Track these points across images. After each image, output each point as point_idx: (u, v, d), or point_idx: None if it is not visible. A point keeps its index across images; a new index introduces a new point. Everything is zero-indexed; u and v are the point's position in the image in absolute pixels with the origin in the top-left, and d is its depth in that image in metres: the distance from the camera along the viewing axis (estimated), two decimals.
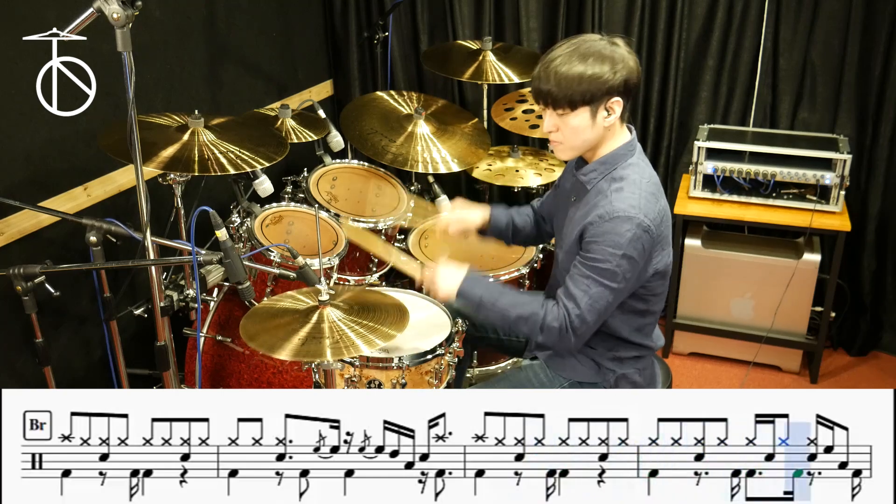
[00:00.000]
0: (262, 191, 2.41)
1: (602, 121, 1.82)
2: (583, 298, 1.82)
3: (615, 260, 1.78)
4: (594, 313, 1.83)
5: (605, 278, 1.80)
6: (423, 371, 2.08)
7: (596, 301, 1.82)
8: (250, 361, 2.40)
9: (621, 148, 1.88)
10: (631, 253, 1.78)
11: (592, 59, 1.76)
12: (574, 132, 1.83)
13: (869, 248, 3.15)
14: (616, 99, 1.80)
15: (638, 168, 1.87)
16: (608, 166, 1.88)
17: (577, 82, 1.76)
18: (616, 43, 1.80)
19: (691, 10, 3.12)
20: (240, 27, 3.01)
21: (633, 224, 1.77)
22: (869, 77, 2.96)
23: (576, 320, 1.83)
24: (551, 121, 1.85)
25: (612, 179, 1.86)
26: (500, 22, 3.40)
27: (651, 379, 2.07)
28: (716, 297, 3.14)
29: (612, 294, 1.82)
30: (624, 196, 1.80)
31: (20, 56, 2.08)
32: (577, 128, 1.82)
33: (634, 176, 1.84)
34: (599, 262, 1.79)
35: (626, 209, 1.78)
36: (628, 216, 1.77)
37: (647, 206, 1.79)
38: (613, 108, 1.82)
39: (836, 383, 3.16)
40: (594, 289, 1.81)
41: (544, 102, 1.83)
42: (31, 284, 1.86)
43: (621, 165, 1.87)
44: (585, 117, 1.81)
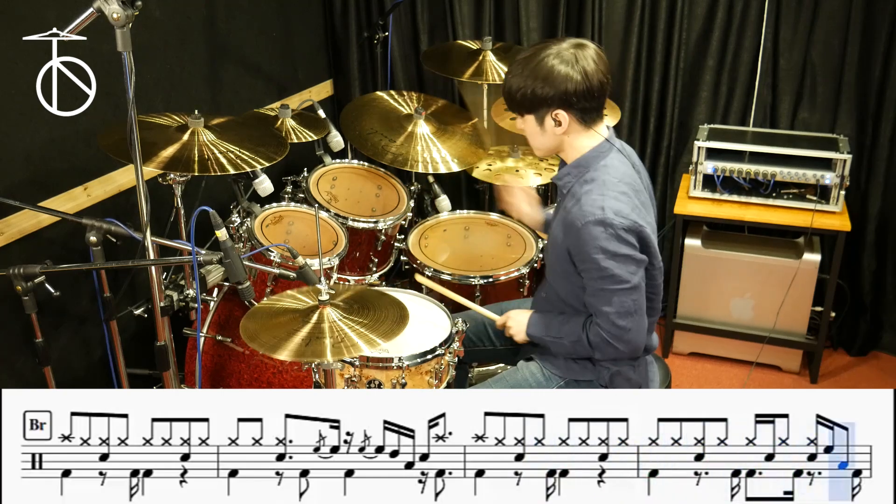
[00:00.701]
0: (262, 191, 2.41)
1: (552, 129, 1.87)
2: (607, 309, 1.85)
3: (610, 263, 1.80)
4: (626, 317, 1.85)
5: (615, 283, 1.82)
6: (423, 371, 2.08)
7: (620, 306, 1.84)
8: (250, 361, 2.40)
9: (593, 151, 1.90)
10: (619, 250, 1.79)
11: (529, 73, 1.82)
12: (530, 136, 1.93)
13: (869, 248, 3.14)
14: (558, 111, 1.83)
15: (610, 168, 1.88)
16: (581, 169, 1.91)
17: (514, 93, 1.85)
18: (581, 46, 1.82)
19: (691, 10, 3.12)
20: (240, 27, 3.01)
21: (605, 225, 1.78)
22: (869, 77, 2.96)
23: (613, 330, 1.87)
24: (518, 122, 1.95)
25: (584, 182, 1.88)
26: (500, 22, 3.40)
27: (646, 375, 2.07)
28: (716, 297, 3.14)
29: (630, 293, 1.83)
30: (592, 199, 1.82)
31: (20, 56, 2.08)
32: (530, 132, 1.92)
33: (605, 177, 1.86)
34: (600, 271, 1.82)
35: (594, 212, 1.79)
36: (598, 219, 1.78)
37: (616, 205, 1.80)
38: (560, 119, 1.85)
39: (836, 383, 3.16)
40: (613, 297, 1.84)
41: (507, 105, 1.93)
42: (31, 284, 1.86)
43: (594, 167, 1.89)
44: (532, 124, 1.89)
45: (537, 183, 3.02)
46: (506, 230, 2.93)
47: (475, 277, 2.63)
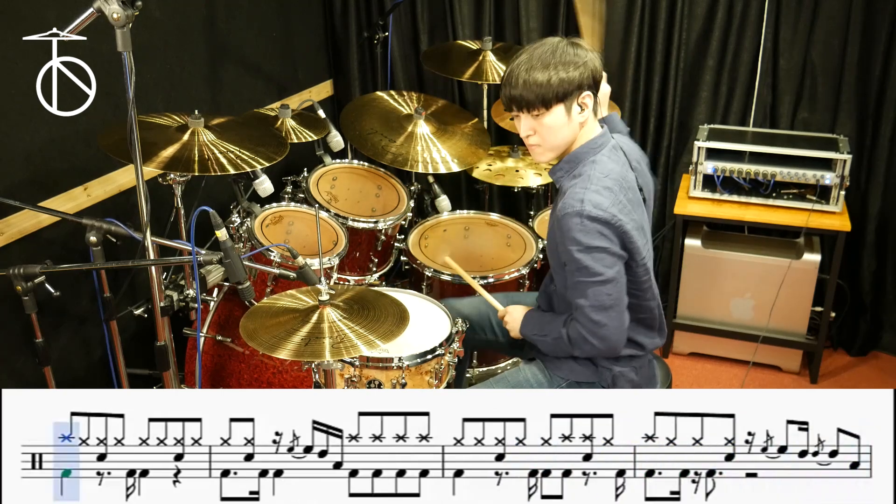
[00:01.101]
0: (262, 191, 2.41)
1: (577, 116, 1.86)
2: (582, 302, 1.85)
3: (583, 256, 1.80)
4: (601, 311, 1.84)
5: (589, 276, 1.82)
6: (423, 371, 2.08)
7: (595, 300, 1.83)
8: (250, 361, 2.40)
9: (586, 146, 1.90)
10: (592, 243, 1.79)
11: (557, 61, 1.81)
12: (551, 131, 1.87)
13: (869, 248, 3.14)
14: (587, 93, 1.84)
15: (598, 165, 1.88)
16: (572, 164, 1.92)
17: (548, 83, 1.81)
18: (577, 43, 1.85)
19: (691, 10, 3.12)
20: (240, 27, 3.01)
21: (580, 217, 1.79)
22: (869, 77, 2.96)
23: (589, 325, 1.86)
24: (527, 124, 1.89)
25: (573, 177, 1.90)
26: (500, 22, 3.40)
27: (648, 377, 2.07)
28: (716, 297, 3.14)
29: (605, 286, 1.83)
30: (575, 192, 1.83)
31: (20, 56, 2.08)
32: (553, 126, 1.86)
33: (591, 172, 1.86)
34: (573, 263, 1.83)
35: (572, 204, 1.80)
36: (574, 210, 1.79)
37: (596, 198, 1.80)
38: (586, 103, 1.85)
39: (836, 383, 3.15)
40: (587, 290, 1.84)
41: (518, 107, 1.87)
42: (31, 284, 1.86)
43: (583, 163, 1.90)
44: (560, 114, 1.85)
45: (537, 183, 3.02)
46: (506, 230, 2.93)
47: (475, 277, 2.63)
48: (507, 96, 1.87)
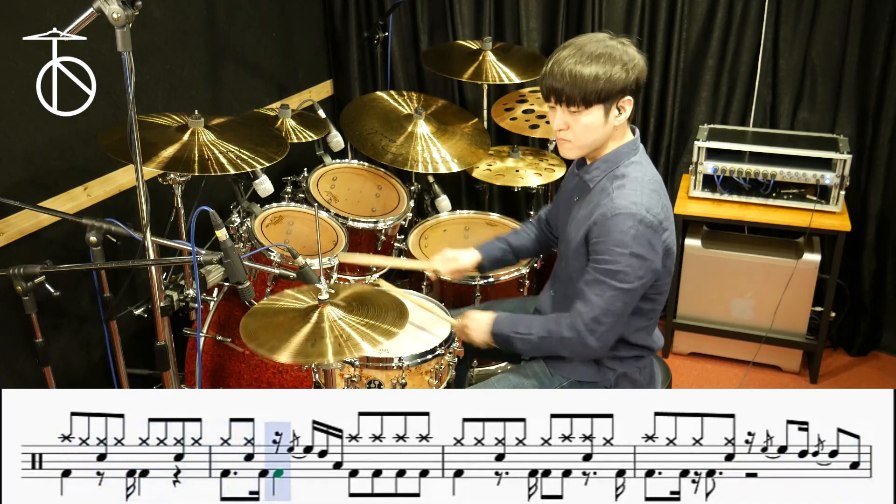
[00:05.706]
0: (262, 191, 2.41)
1: (613, 119, 1.83)
2: (597, 302, 1.83)
3: (624, 260, 1.78)
4: (610, 315, 1.83)
5: (618, 280, 1.80)
6: (423, 371, 2.08)
7: (611, 304, 1.82)
8: (250, 361, 2.40)
9: (625, 146, 1.89)
10: (638, 250, 1.78)
11: (606, 59, 1.76)
12: (585, 130, 1.83)
13: (869, 248, 3.14)
14: (628, 98, 1.81)
15: (640, 167, 1.88)
16: (611, 164, 1.88)
17: (594, 80, 1.76)
18: (625, 42, 1.81)
19: (691, 10, 3.12)
20: (240, 27, 3.01)
21: (636, 220, 1.77)
22: (869, 77, 2.96)
23: (590, 323, 1.84)
24: (562, 118, 1.84)
25: (614, 177, 1.86)
26: (500, 22, 3.40)
27: (651, 377, 2.07)
28: (716, 297, 3.14)
29: (626, 295, 1.81)
30: (626, 193, 1.80)
31: (20, 56, 2.08)
32: (588, 126, 1.82)
33: (637, 174, 1.85)
34: (609, 263, 1.79)
35: (627, 206, 1.78)
36: (630, 213, 1.77)
37: (649, 202, 1.79)
38: (625, 107, 1.83)
39: (836, 383, 3.16)
40: (608, 292, 1.81)
41: (557, 100, 1.82)
42: (31, 284, 1.86)
43: (624, 163, 1.87)
44: (599, 115, 1.81)
45: (537, 183, 3.02)
46: (506, 230, 2.91)
47: (475, 277, 2.63)
48: (548, 86, 1.81)
